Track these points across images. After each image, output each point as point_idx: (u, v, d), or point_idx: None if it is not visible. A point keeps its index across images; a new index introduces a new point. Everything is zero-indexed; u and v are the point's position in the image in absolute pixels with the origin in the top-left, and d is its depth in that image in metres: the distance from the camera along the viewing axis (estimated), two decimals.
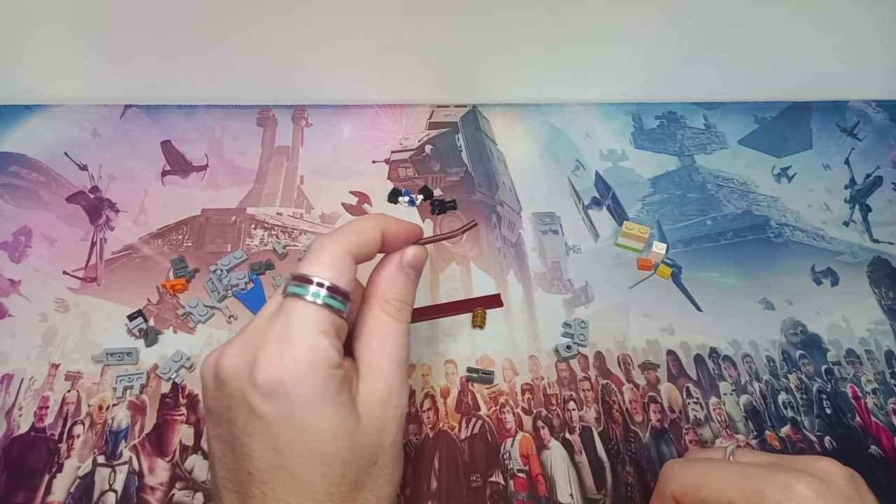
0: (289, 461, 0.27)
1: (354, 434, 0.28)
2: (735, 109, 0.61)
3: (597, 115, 0.60)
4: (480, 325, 0.46)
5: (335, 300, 0.28)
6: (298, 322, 0.27)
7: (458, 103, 0.60)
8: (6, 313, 0.45)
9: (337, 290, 0.28)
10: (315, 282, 0.28)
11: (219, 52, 0.54)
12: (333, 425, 0.27)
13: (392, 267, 0.32)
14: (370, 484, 0.29)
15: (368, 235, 0.31)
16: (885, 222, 0.54)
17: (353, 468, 0.28)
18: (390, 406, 0.30)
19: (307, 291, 0.28)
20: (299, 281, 0.28)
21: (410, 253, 0.32)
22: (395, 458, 0.30)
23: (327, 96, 0.59)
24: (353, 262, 0.30)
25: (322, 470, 0.27)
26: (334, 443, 0.27)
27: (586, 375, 0.44)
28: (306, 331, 0.27)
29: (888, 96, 0.62)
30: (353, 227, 0.30)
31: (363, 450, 0.29)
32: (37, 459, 0.39)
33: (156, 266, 0.48)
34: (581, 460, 0.41)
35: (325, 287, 0.28)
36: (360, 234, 0.30)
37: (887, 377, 0.45)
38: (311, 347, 0.27)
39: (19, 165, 0.53)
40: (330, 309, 0.28)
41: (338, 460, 0.28)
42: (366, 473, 0.29)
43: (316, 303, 0.28)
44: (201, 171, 0.54)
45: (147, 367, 0.43)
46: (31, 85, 0.56)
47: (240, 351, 0.28)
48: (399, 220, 0.32)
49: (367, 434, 0.29)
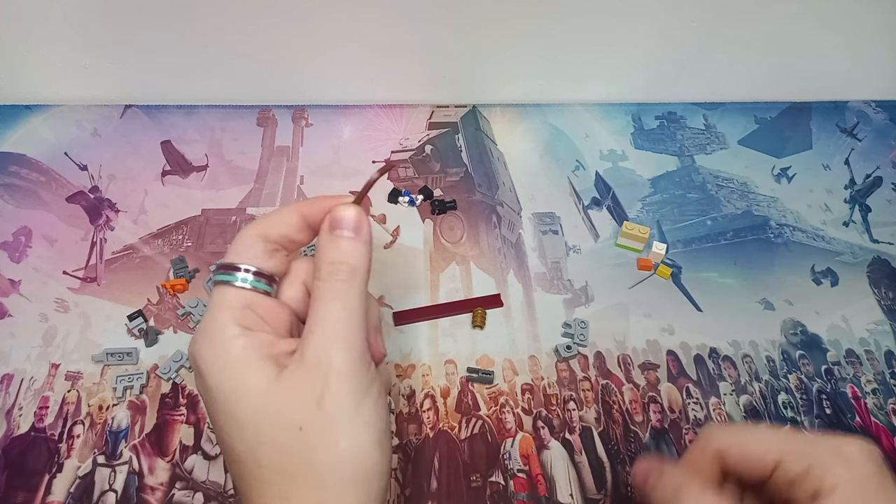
0: (220, 432, 0.29)
1: (263, 396, 0.28)
2: (735, 110, 0.61)
3: (597, 116, 0.60)
4: (480, 325, 0.46)
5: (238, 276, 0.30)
6: (208, 307, 0.30)
7: (458, 103, 0.60)
8: (6, 313, 0.45)
9: (235, 267, 0.30)
10: (218, 266, 0.31)
11: (219, 53, 0.54)
12: (234, 388, 0.28)
13: (321, 236, 0.31)
14: (298, 451, 0.28)
15: (280, 214, 0.32)
16: (884, 222, 0.54)
17: (268, 433, 0.28)
18: (314, 363, 0.28)
19: (216, 278, 0.30)
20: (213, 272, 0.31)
21: (336, 214, 0.31)
22: (336, 422, 0.28)
23: (327, 96, 0.59)
24: (257, 241, 0.31)
25: (238, 434, 0.28)
26: (238, 405, 0.28)
27: (586, 375, 0.44)
28: (209, 311, 0.30)
29: (888, 96, 0.62)
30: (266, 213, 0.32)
31: (279, 411, 0.28)
32: (37, 459, 0.39)
33: (156, 266, 0.48)
34: (581, 460, 0.41)
35: (225, 267, 0.30)
36: (269, 217, 0.32)
37: (887, 377, 0.45)
38: (208, 322, 0.29)
39: (19, 165, 0.53)
40: (235, 286, 0.30)
41: (248, 423, 0.28)
42: (288, 438, 0.28)
43: (225, 283, 0.30)
44: (201, 171, 0.54)
45: (147, 367, 0.43)
46: (31, 85, 0.56)
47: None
48: (318, 197, 0.32)
49: (282, 395, 0.28)
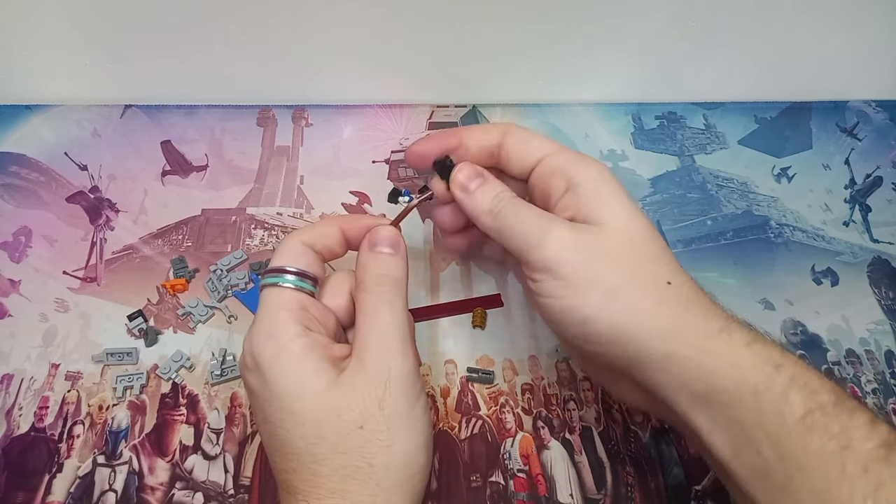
0: (276, 427, 0.30)
1: (325, 395, 0.30)
2: (735, 109, 0.61)
3: (597, 115, 0.60)
4: (480, 325, 0.46)
5: (291, 279, 0.33)
6: (263, 306, 0.32)
7: (458, 103, 0.60)
8: (6, 313, 0.45)
9: (290, 271, 0.33)
10: (270, 269, 0.33)
11: (219, 53, 0.54)
12: (296, 385, 0.30)
13: (362, 252, 0.35)
14: (357, 448, 0.29)
15: (322, 227, 0.35)
16: (885, 222, 0.54)
17: (329, 429, 0.29)
18: (371, 369, 0.30)
19: (267, 280, 0.33)
20: (263, 275, 0.33)
21: (376, 233, 0.35)
22: (393, 425, 0.30)
23: (327, 96, 0.58)
24: (306, 248, 0.34)
25: (298, 430, 0.29)
26: (299, 402, 0.30)
27: (586, 375, 0.44)
28: (267, 310, 0.32)
29: (888, 96, 0.62)
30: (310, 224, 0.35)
31: (340, 410, 0.30)
32: (37, 459, 0.39)
33: (156, 266, 0.48)
34: (581, 460, 0.41)
35: (279, 271, 0.33)
36: (314, 227, 0.35)
37: (887, 377, 0.45)
38: (269, 320, 0.31)
39: (19, 165, 0.53)
40: (292, 289, 0.32)
41: (308, 420, 0.29)
42: (348, 436, 0.29)
43: (277, 285, 0.32)
44: (201, 171, 0.54)
45: (147, 367, 0.43)
46: (31, 85, 0.56)
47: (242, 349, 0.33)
48: (357, 216, 0.36)
49: (344, 395, 0.30)
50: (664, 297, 0.30)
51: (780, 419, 0.27)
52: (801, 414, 0.27)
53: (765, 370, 0.28)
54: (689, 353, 0.29)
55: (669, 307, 0.30)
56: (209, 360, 0.43)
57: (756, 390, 0.28)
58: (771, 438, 0.27)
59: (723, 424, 0.29)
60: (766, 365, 0.28)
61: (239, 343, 0.45)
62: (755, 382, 0.28)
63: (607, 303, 0.30)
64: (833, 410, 0.27)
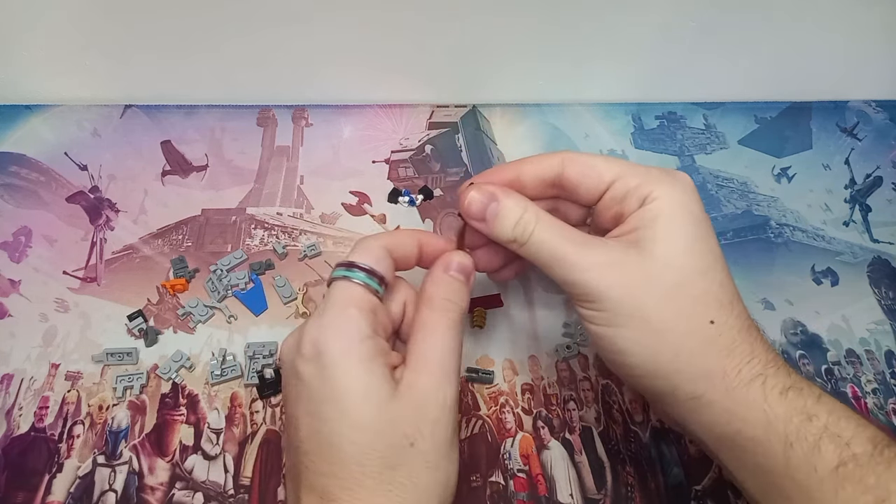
0: (323, 424, 0.29)
1: (386, 405, 0.29)
2: (735, 109, 0.61)
3: (597, 115, 0.60)
4: (480, 325, 0.46)
5: (367, 278, 0.32)
6: (334, 298, 0.31)
7: (458, 103, 0.60)
8: (6, 313, 0.45)
9: (368, 270, 0.32)
10: (347, 263, 0.32)
11: (219, 53, 0.54)
12: (362, 387, 0.29)
13: (437, 271, 0.35)
14: (405, 465, 0.29)
15: (403, 237, 0.35)
16: (885, 222, 0.54)
17: (383, 441, 0.29)
18: (429, 389, 0.30)
19: (341, 272, 0.32)
20: (338, 266, 0.33)
21: (453, 258, 0.35)
22: (440, 448, 0.30)
23: (327, 96, 0.58)
24: (387, 253, 0.33)
25: (350, 434, 0.29)
26: (361, 406, 0.29)
27: (586, 375, 0.44)
28: (339, 303, 0.31)
29: (888, 96, 0.62)
30: (389, 231, 0.36)
31: (395, 424, 0.29)
32: (37, 459, 0.39)
33: (156, 266, 0.48)
34: (581, 460, 0.41)
35: (357, 267, 0.32)
36: (395, 236, 0.35)
37: (887, 377, 0.45)
38: (341, 315, 0.31)
39: (19, 165, 0.53)
40: (365, 287, 0.32)
41: (365, 426, 0.29)
42: (399, 451, 0.29)
43: (351, 280, 0.32)
44: (201, 171, 0.54)
45: (147, 367, 0.43)
46: (31, 85, 0.56)
47: (294, 334, 0.32)
48: (436, 235, 0.36)
49: (402, 410, 0.30)
50: (704, 338, 0.30)
51: (810, 470, 0.27)
52: (833, 465, 0.26)
53: (796, 421, 0.28)
54: (719, 399, 0.29)
55: (706, 350, 0.30)
56: (209, 360, 0.43)
57: (787, 441, 0.27)
58: (801, 489, 0.27)
59: (751, 469, 0.29)
60: (798, 415, 0.28)
61: (239, 343, 0.45)
62: (786, 433, 0.28)
63: (643, 338, 0.30)
64: (869, 462, 0.26)
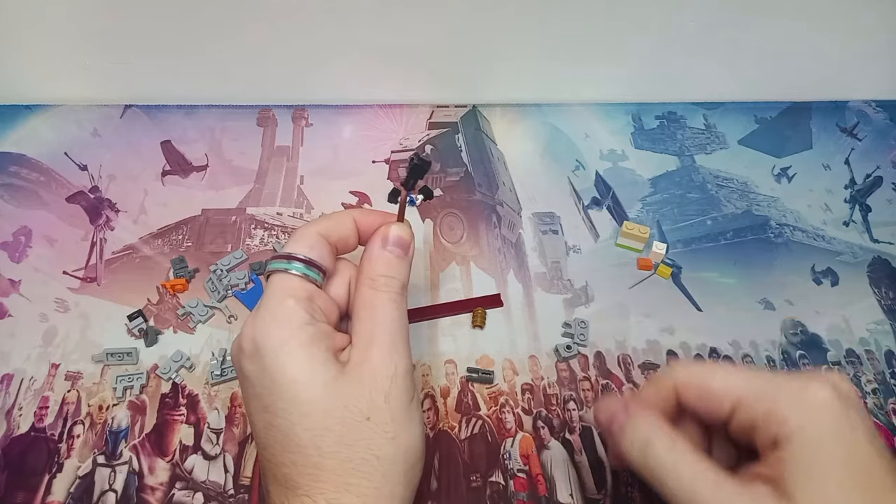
0: (275, 417, 0.29)
1: (332, 385, 0.29)
2: (735, 109, 0.61)
3: (597, 115, 0.60)
4: (480, 325, 0.46)
5: (304, 268, 0.32)
6: (269, 292, 0.31)
7: (458, 103, 0.60)
8: (6, 313, 0.45)
9: (303, 260, 0.32)
10: (285, 255, 0.32)
11: (219, 53, 0.54)
12: (304, 373, 0.29)
13: (373, 247, 0.34)
14: (363, 440, 0.29)
15: (337, 219, 0.34)
16: (885, 222, 0.54)
17: (336, 420, 0.29)
18: (379, 363, 0.31)
19: (277, 265, 0.32)
20: (274, 258, 0.33)
21: (389, 232, 0.34)
22: (397, 418, 0.30)
23: (327, 96, 0.59)
24: (321, 239, 0.33)
25: (302, 421, 0.29)
26: (306, 391, 0.29)
27: (586, 375, 0.44)
28: (275, 296, 0.31)
29: (888, 96, 0.62)
30: (323, 215, 0.35)
31: (346, 401, 0.29)
32: (37, 459, 0.39)
33: (156, 266, 0.48)
34: (581, 460, 0.41)
35: (293, 258, 0.32)
36: (329, 218, 0.34)
37: (887, 377, 0.45)
38: (276, 306, 0.31)
39: (19, 165, 0.53)
40: (302, 277, 0.32)
41: (315, 409, 0.29)
42: (355, 428, 0.29)
43: (288, 272, 0.32)
44: (201, 171, 0.54)
45: (147, 367, 0.43)
46: (31, 85, 0.56)
47: (238, 335, 0.32)
48: (371, 210, 0.36)
49: (350, 387, 0.30)
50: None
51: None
52: None
53: None
54: None
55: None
56: (209, 360, 0.43)
57: None
58: None
59: None
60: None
61: None
62: None
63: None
64: None
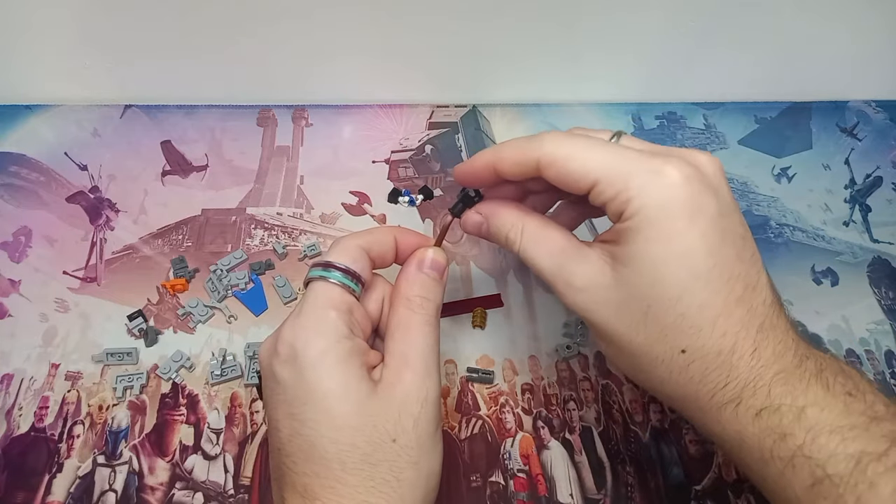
0: (303, 426, 0.29)
1: (365, 402, 0.29)
2: (735, 109, 0.61)
3: (597, 115, 0.60)
4: (480, 325, 0.46)
5: (344, 278, 0.32)
6: (310, 299, 0.31)
7: (458, 103, 0.60)
8: (6, 313, 0.45)
9: (345, 270, 0.32)
10: (324, 263, 0.32)
11: (219, 53, 0.54)
12: (339, 387, 0.29)
13: (410, 268, 0.35)
14: (387, 461, 0.29)
15: (379, 235, 0.34)
16: (885, 222, 0.54)
17: (364, 438, 0.29)
18: (411, 386, 0.31)
19: (318, 273, 0.32)
20: (315, 266, 0.32)
21: (427, 255, 0.35)
22: (422, 443, 0.30)
23: (327, 96, 0.59)
24: (363, 253, 0.33)
25: (331, 434, 0.29)
26: (339, 405, 0.29)
27: (586, 375, 0.44)
28: (316, 304, 0.31)
29: (888, 96, 0.62)
30: (366, 229, 0.35)
31: (376, 421, 0.29)
32: (37, 459, 0.39)
33: (156, 266, 0.48)
34: (581, 460, 0.41)
35: (334, 267, 0.32)
36: (372, 233, 0.34)
37: (887, 377, 0.45)
38: (318, 317, 0.30)
39: (19, 165, 0.53)
40: (342, 287, 0.32)
41: (345, 425, 0.29)
42: (381, 448, 0.29)
43: (328, 280, 0.31)
44: (201, 171, 0.54)
45: (147, 367, 0.43)
46: (31, 85, 0.56)
47: (271, 336, 0.32)
48: (410, 230, 0.36)
49: (381, 407, 0.30)
50: (673, 366, 0.30)
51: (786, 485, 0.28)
52: (808, 483, 0.27)
53: (769, 441, 0.28)
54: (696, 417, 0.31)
55: (676, 378, 0.30)
56: (209, 360, 0.43)
57: (762, 458, 0.28)
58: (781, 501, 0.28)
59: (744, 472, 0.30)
60: (771, 435, 0.28)
61: (239, 343, 0.45)
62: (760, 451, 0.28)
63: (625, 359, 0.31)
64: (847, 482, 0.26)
